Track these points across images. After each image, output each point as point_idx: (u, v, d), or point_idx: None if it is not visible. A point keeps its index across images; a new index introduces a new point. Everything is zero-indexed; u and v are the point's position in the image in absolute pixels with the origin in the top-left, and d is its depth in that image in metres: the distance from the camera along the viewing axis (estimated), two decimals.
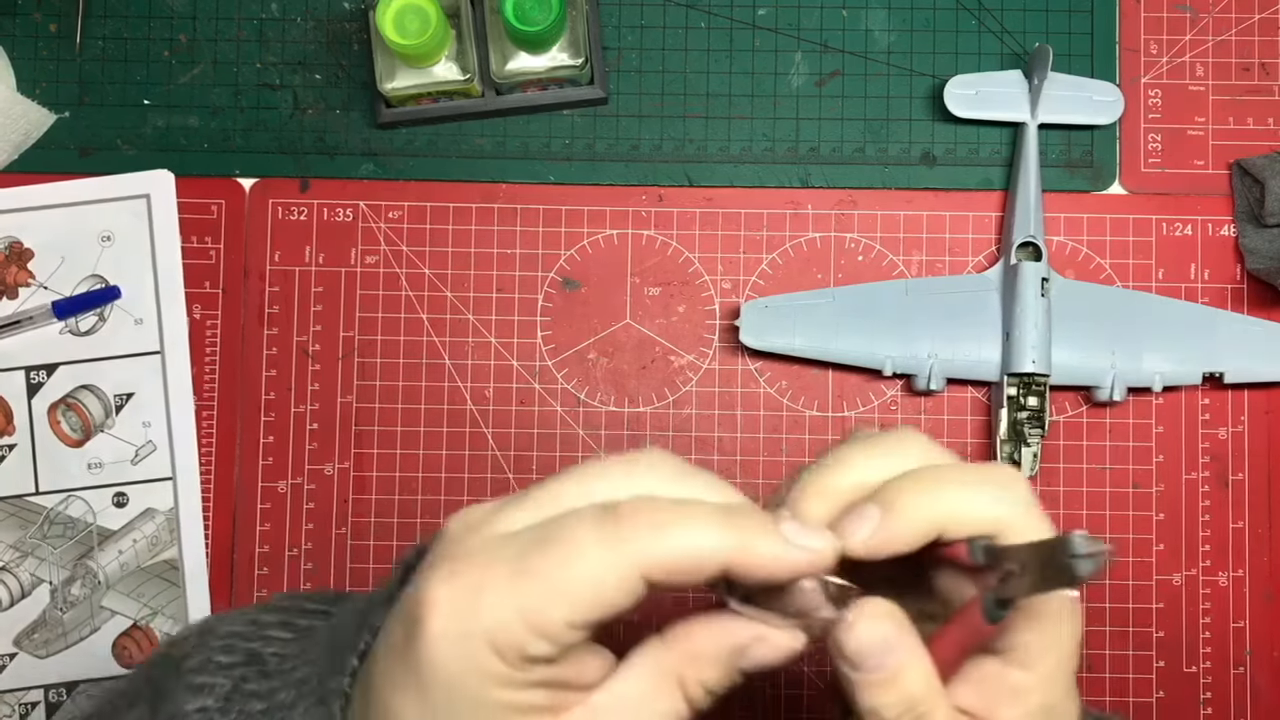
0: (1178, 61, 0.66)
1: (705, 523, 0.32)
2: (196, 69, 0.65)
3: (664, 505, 0.32)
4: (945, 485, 0.34)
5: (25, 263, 0.64)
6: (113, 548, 0.63)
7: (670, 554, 0.31)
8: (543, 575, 0.31)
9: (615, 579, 0.31)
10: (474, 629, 0.30)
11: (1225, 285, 0.64)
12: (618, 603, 0.31)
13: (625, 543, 0.31)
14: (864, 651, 0.34)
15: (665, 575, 0.31)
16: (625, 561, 0.31)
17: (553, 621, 0.30)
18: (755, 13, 0.66)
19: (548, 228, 0.65)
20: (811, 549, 0.33)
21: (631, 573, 0.31)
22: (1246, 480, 0.63)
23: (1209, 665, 0.63)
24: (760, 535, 0.32)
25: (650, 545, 0.31)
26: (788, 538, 0.32)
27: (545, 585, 0.31)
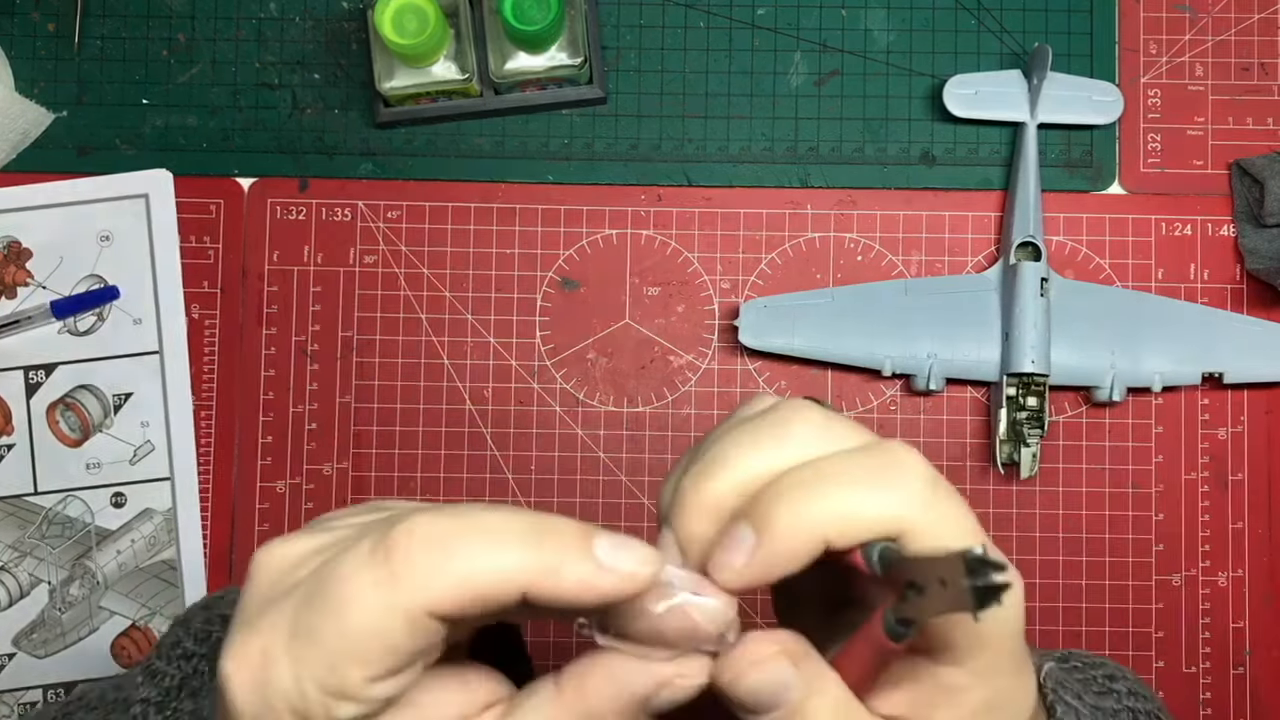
0: (1177, 61, 0.66)
1: (495, 546, 0.27)
2: (195, 68, 0.65)
3: (445, 529, 0.27)
4: (826, 488, 0.29)
5: (24, 262, 0.64)
6: (111, 548, 0.63)
7: (458, 586, 0.27)
8: (320, 636, 0.27)
9: (400, 624, 0.27)
10: (273, 704, 0.27)
11: (1225, 285, 0.64)
12: (417, 646, 0.27)
13: (400, 580, 0.27)
14: (758, 699, 0.30)
15: (459, 610, 0.27)
16: (405, 602, 0.27)
17: (349, 683, 0.27)
18: (754, 12, 0.66)
19: (546, 227, 0.65)
20: (623, 573, 0.28)
21: (416, 614, 0.27)
22: (1246, 480, 0.63)
23: (1208, 666, 0.63)
24: (567, 557, 0.28)
25: (432, 580, 0.27)
26: (599, 559, 0.28)
27: (325, 647, 0.27)
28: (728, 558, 0.29)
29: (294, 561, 0.29)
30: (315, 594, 0.28)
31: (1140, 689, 0.41)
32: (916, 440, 0.63)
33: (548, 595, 0.28)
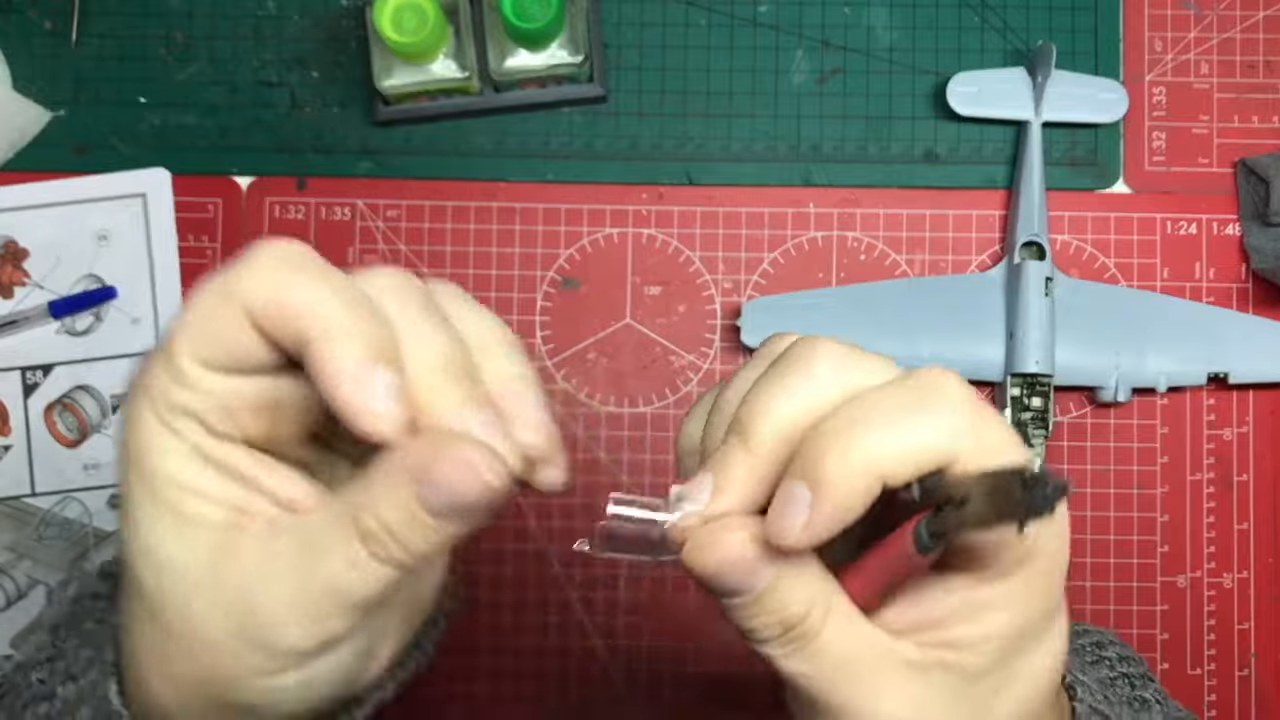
0: (1182, 59, 0.65)
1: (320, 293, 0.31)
2: (193, 67, 0.65)
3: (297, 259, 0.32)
4: (872, 429, 0.28)
5: (20, 262, 0.64)
6: (109, 549, 0.63)
7: (270, 302, 0.31)
8: (170, 329, 0.31)
9: (224, 317, 0.31)
10: (136, 397, 0.31)
11: (1230, 284, 0.64)
12: (235, 346, 0.31)
13: (230, 279, 0.32)
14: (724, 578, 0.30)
15: (269, 325, 0.31)
16: (226, 294, 0.31)
17: (179, 356, 0.31)
18: (756, 10, 0.65)
19: (547, 226, 0.64)
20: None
21: (238, 313, 0.31)
22: (1251, 481, 0.63)
23: (1213, 668, 0.62)
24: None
25: (254, 286, 0.32)
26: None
27: (169, 336, 0.31)
28: (788, 522, 0.28)
29: None
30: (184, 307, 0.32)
31: (1127, 651, 0.41)
32: None
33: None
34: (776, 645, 0.30)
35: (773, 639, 0.30)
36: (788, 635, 0.30)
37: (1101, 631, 0.43)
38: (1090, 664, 0.40)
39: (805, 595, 0.30)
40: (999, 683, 0.31)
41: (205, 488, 0.31)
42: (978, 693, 0.30)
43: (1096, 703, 0.35)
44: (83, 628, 0.38)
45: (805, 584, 0.30)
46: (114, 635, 0.35)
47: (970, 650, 0.30)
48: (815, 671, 0.30)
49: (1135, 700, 0.38)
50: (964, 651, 0.30)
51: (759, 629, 0.30)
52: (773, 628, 0.30)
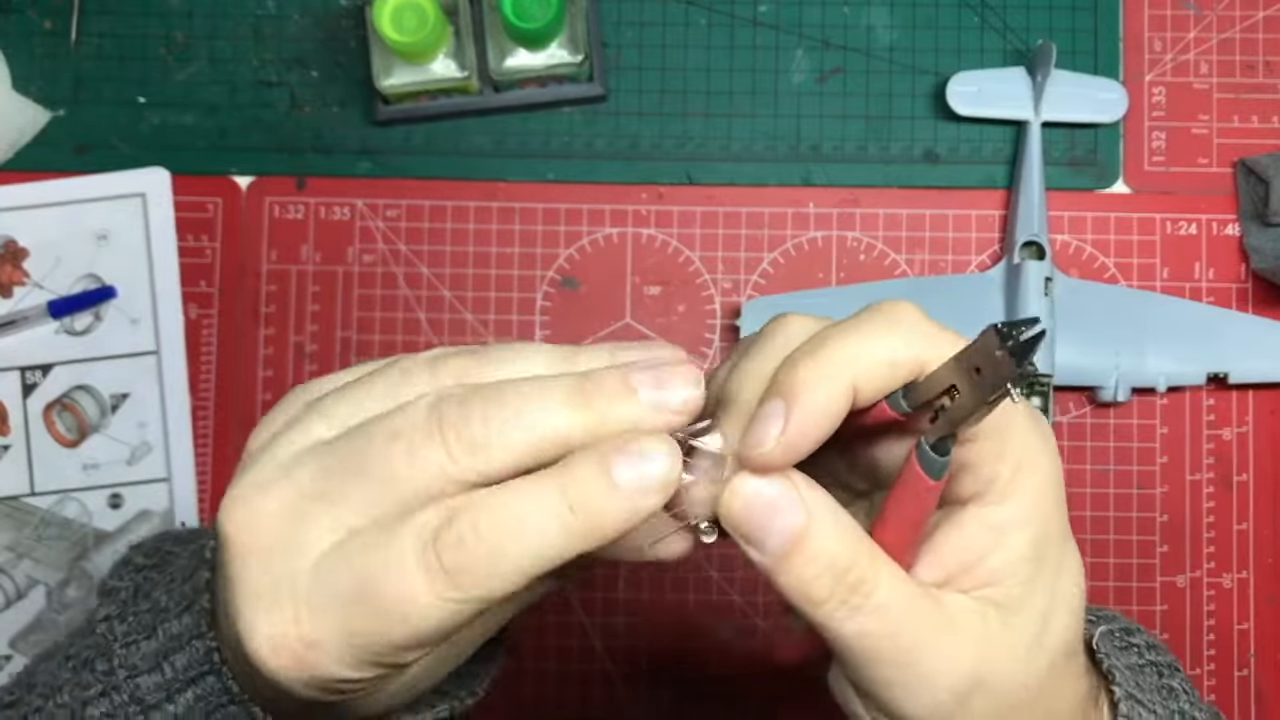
0: (1182, 59, 0.65)
1: (544, 529, 0.28)
2: (192, 66, 0.65)
3: (490, 531, 0.28)
4: (837, 341, 0.30)
5: (20, 262, 0.64)
6: (109, 549, 0.63)
7: (516, 577, 0.28)
8: (380, 635, 0.28)
9: (458, 616, 0.28)
10: (320, 682, 0.29)
11: (1230, 285, 0.64)
12: (465, 624, 0.29)
13: (459, 582, 0.28)
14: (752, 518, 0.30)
15: (520, 590, 0.29)
16: (465, 599, 0.28)
17: (406, 660, 0.29)
18: (756, 9, 0.65)
19: (547, 226, 0.64)
20: (653, 486, 0.29)
21: (475, 606, 0.28)
22: (1251, 481, 0.63)
23: (1213, 668, 0.62)
24: (603, 512, 0.28)
25: (490, 585, 0.28)
26: (626, 487, 0.29)
27: (385, 643, 0.29)
28: (762, 433, 0.30)
29: (283, 518, 0.30)
30: (365, 596, 0.28)
31: (1154, 640, 0.42)
32: None
33: (600, 546, 0.29)
34: (836, 605, 0.30)
35: (830, 597, 0.30)
36: (845, 589, 0.30)
37: (1128, 620, 0.43)
38: (1120, 649, 0.40)
39: (846, 539, 0.30)
40: (1040, 610, 0.32)
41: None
42: (1024, 624, 0.31)
43: (1131, 689, 0.36)
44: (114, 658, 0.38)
45: (842, 527, 0.30)
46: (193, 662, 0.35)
47: (1007, 579, 0.31)
48: (880, 628, 0.30)
49: (1164, 689, 0.39)
50: (1001, 584, 0.31)
51: (813, 585, 0.30)
52: (825, 580, 0.30)
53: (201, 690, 0.36)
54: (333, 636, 0.29)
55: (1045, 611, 0.32)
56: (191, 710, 0.36)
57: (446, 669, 0.35)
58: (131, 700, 0.36)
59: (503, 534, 0.28)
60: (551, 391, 0.29)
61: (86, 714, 0.37)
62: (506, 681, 0.62)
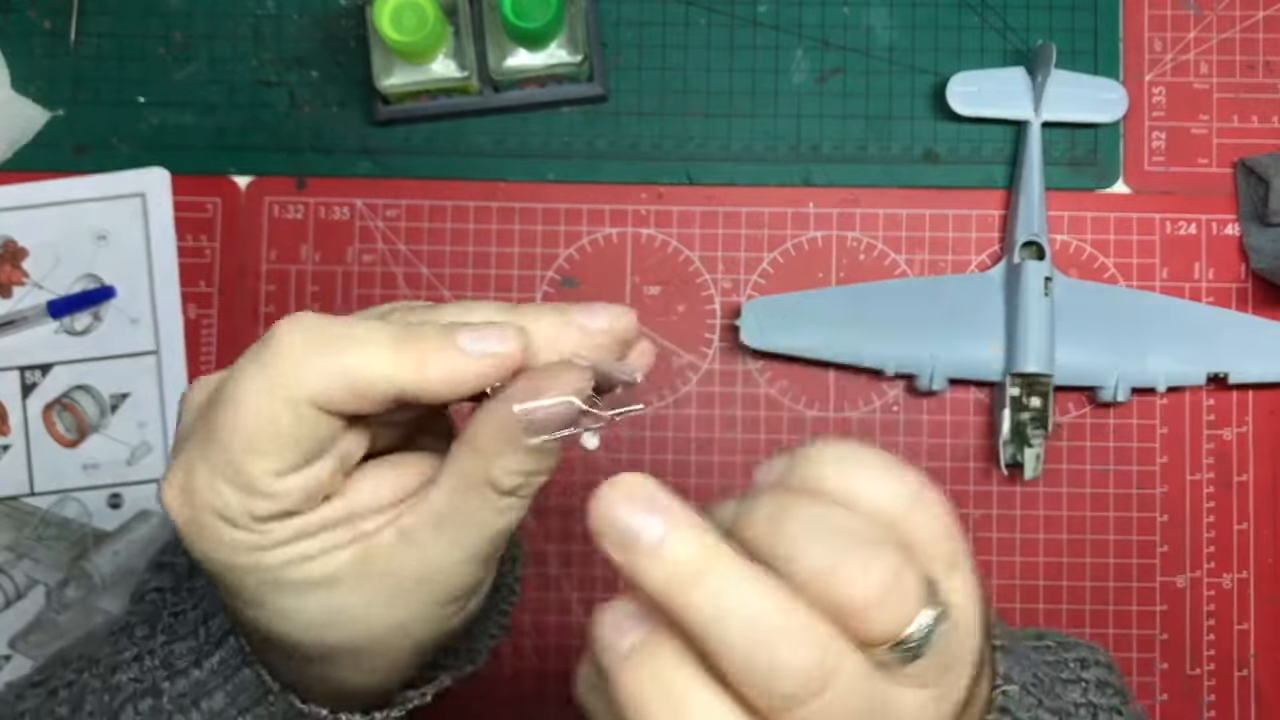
0: (1182, 59, 0.65)
1: (364, 344, 0.30)
2: (192, 66, 0.65)
3: (323, 328, 0.30)
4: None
5: (19, 262, 0.64)
6: (108, 549, 0.63)
7: (330, 377, 0.30)
8: (219, 434, 0.30)
9: (283, 412, 0.29)
10: (198, 511, 0.30)
11: (1230, 285, 0.64)
12: (308, 435, 0.30)
13: (279, 371, 0.29)
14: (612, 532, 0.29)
15: (336, 401, 0.30)
16: (283, 391, 0.29)
17: (253, 477, 0.30)
18: (756, 9, 0.65)
19: (546, 226, 0.64)
20: (491, 354, 0.31)
21: (297, 402, 0.30)
22: (1251, 481, 0.63)
23: (1212, 668, 0.62)
24: (429, 351, 0.30)
25: (306, 371, 0.29)
26: (463, 348, 0.30)
27: (225, 444, 0.30)
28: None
29: (213, 383, 0.32)
30: (215, 399, 0.30)
31: (1109, 678, 0.41)
32: (919, 441, 0.63)
33: (418, 388, 0.30)
34: None
35: None
36: None
37: (1093, 648, 0.42)
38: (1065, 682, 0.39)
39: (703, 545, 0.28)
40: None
41: (317, 549, 0.32)
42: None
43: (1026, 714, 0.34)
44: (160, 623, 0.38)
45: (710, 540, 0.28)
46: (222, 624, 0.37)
47: None
48: None
49: None
50: None
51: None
52: None
53: (226, 653, 0.37)
54: (196, 450, 0.30)
55: None
56: (215, 674, 0.36)
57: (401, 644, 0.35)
58: (162, 665, 0.37)
59: (333, 334, 0.30)
60: (490, 302, 0.32)
61: (114, 680, 0.37)
62: (507, 681, 0.62)
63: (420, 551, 0.32)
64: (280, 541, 0.31)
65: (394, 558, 0.32)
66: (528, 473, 0.33)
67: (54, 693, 0.39)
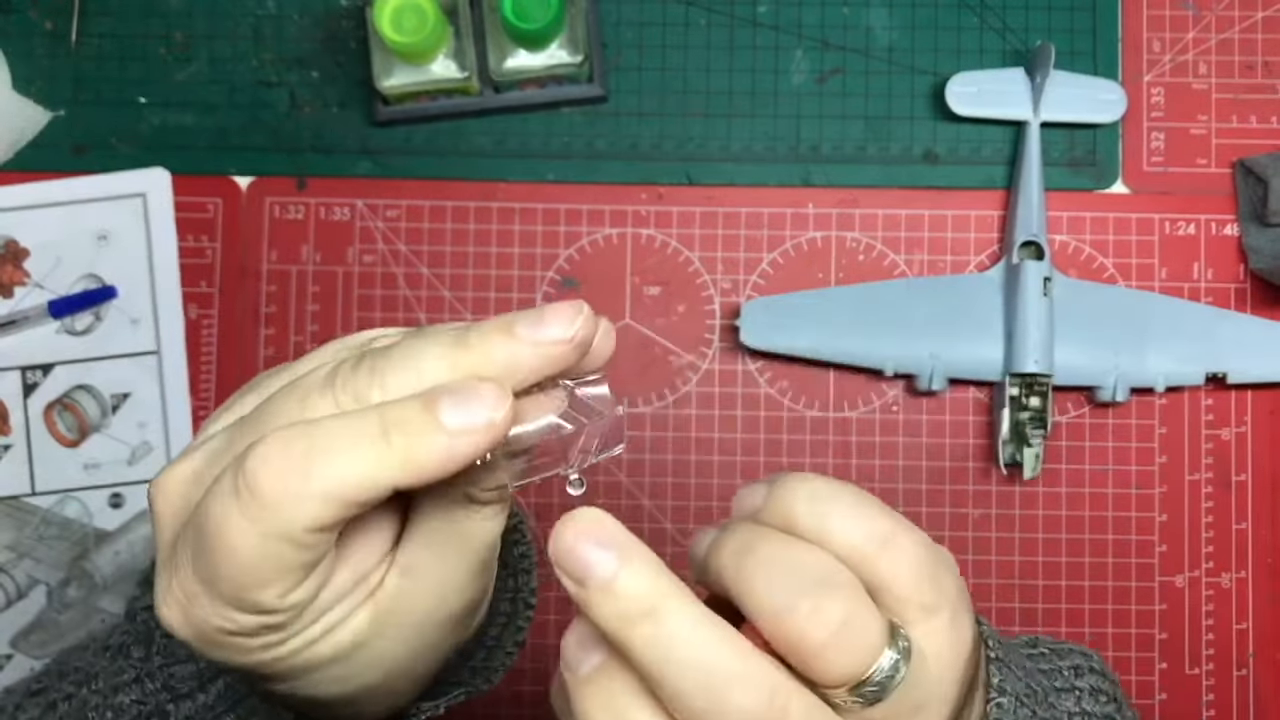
0: (1180, 60, 0.65)
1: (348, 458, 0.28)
2: (192, 67, 0.65)
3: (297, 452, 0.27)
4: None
5: (20, 262, 0.64)
6: (109, 549, 0.63)
7: (325, 502, 0.28)
8: (220, 577, 0.28)
9: (285, 548, 0.28)
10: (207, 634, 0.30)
11: (1229, 285, 0.64)
12: (311, 557, 0.29)
13: (269, 511, 0.27)
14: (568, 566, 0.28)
15: (334, 519, 0.28)
16: (281, 530, 0.28)
17: (263, 603, 0.29)
18: (756, 10, 0.65)
19: (546, 226, 0.64)
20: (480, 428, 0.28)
21: (296, 535, 0.28)
22: (1250, 481, 0.63)
23: (1211, 667, 0.63)
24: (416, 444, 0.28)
25: (299, 503, 0.27)
26: (449, 430, 0.28)
27: (229, 584, 0.28)
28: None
29: (185, 483, 0.30)
30: (200, 538, 0.28)
31: (1103, 685, 0.41)
32: (918, 441, 0.63)
33: (417, 483, 0.28)
34: None
35: None
36: None
37: (1087, 654, 0.42)
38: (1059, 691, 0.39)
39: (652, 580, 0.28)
40: None
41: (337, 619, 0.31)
42: None
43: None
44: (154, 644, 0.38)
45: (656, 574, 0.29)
46: None
47: None
48: None
49: None
50: None
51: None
52: None
53: (231, 679, 0.36)
54: (195, 584, 0.29)
55: None
56: (221, 699, 0.36)
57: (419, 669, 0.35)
58: (164, 688, 0.37)
59: (310, 456, 0.28)
60: (437, 339, 0.30)
61: (117, 700, 0.37)
62: (508, 681, 0.62)
63: (425, 582, 0.32)
64: (294, 634, 0.30)
65: (403, 598, 0.32)
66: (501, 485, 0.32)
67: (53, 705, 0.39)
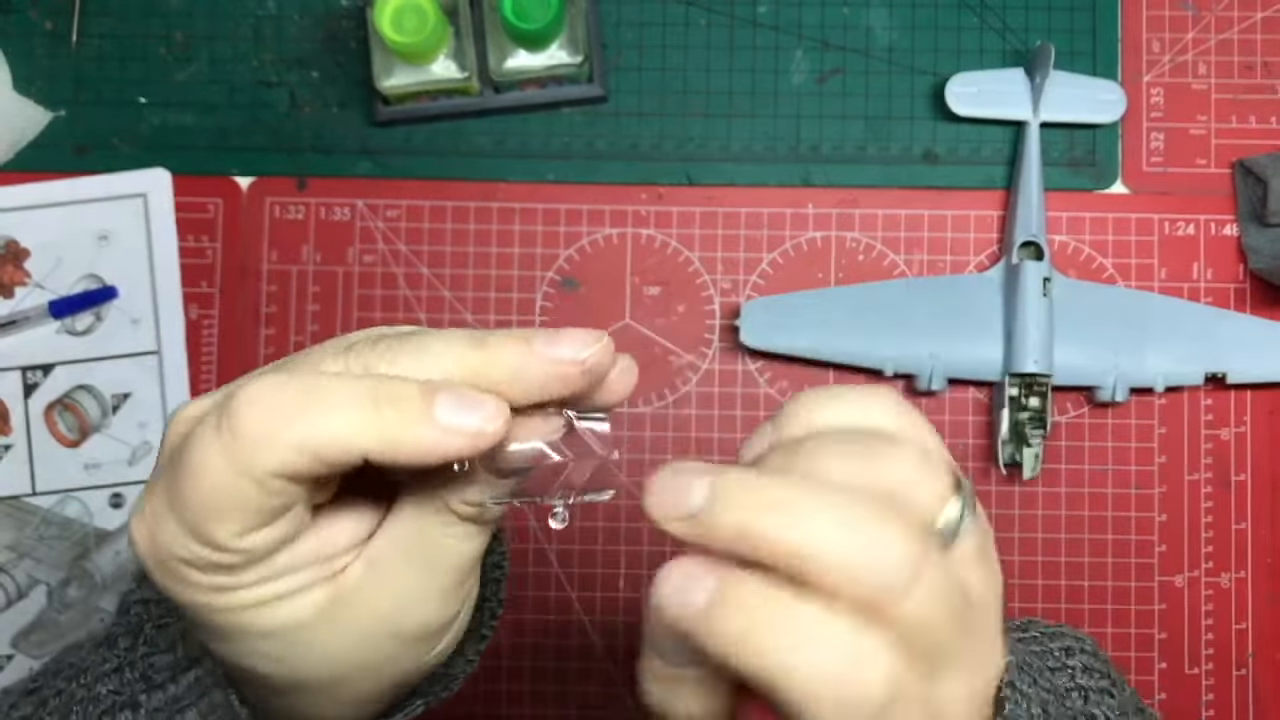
0: (1180, 60, 0.65)
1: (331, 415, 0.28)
2: (193, 67, 0.65)
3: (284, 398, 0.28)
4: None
5: (21, 262, 0.64)
6: (109, 549, 0.63)
7: (296, 451, 0.28)
8: (183, 499, 0.29)
9: (248, 486, 0.28)
10: (163, 556, 0.30)
11: (1228, 285, 0.64)
12: (273, 503, 0.29)
13: (241, 447, 0.28)
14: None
15: (302, 471, 0.28)
16: (247, 467, 0.28)
17: (218, 537, 0.29)
18: (756, 10, 0.65)
19: (546, 227, 0.64)
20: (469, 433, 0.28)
21: (261, 476, 0.28)
22: (1249, 481, 0.63)
23: (1211, 667, 0.63)
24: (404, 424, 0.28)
25: (270, 446, 0.28)
26: (440, 423, 0.28)
27: (189, 509, 0.29)
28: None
29: (195, 419, 0.31)
30: (177, 460, 0.29)
31: (1094, 664, 0.41)
32: None
33: (389, 460, 0.28)
34: None
35: None
36: None
37: (1079, 638, 0.42)
38: (1052, 669, 0.39)
39: None
40: None
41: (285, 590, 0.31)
42: None
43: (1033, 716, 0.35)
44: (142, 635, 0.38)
45: None
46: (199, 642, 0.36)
47: None
48: None
49: (1084, 715, 0.38)
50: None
51: None
52: None
53: (200, 672, 0.36)
54: (164, 505, 0.29)
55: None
56: (189, 691, 0.36)
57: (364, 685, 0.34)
58: (141, 678, 0.37)
59: (296, 404, 0.28)
60: (452, 336, 0.30)
61: (96, 691, 0.37)
62: (506, 680, 0.62)
63: (388, 583, 0.32)
64: (246, 584, 0.31)
65: (363, 592, 0.32)
66: (480, 502, 0.32)
67: (45, 702, 0.40)
